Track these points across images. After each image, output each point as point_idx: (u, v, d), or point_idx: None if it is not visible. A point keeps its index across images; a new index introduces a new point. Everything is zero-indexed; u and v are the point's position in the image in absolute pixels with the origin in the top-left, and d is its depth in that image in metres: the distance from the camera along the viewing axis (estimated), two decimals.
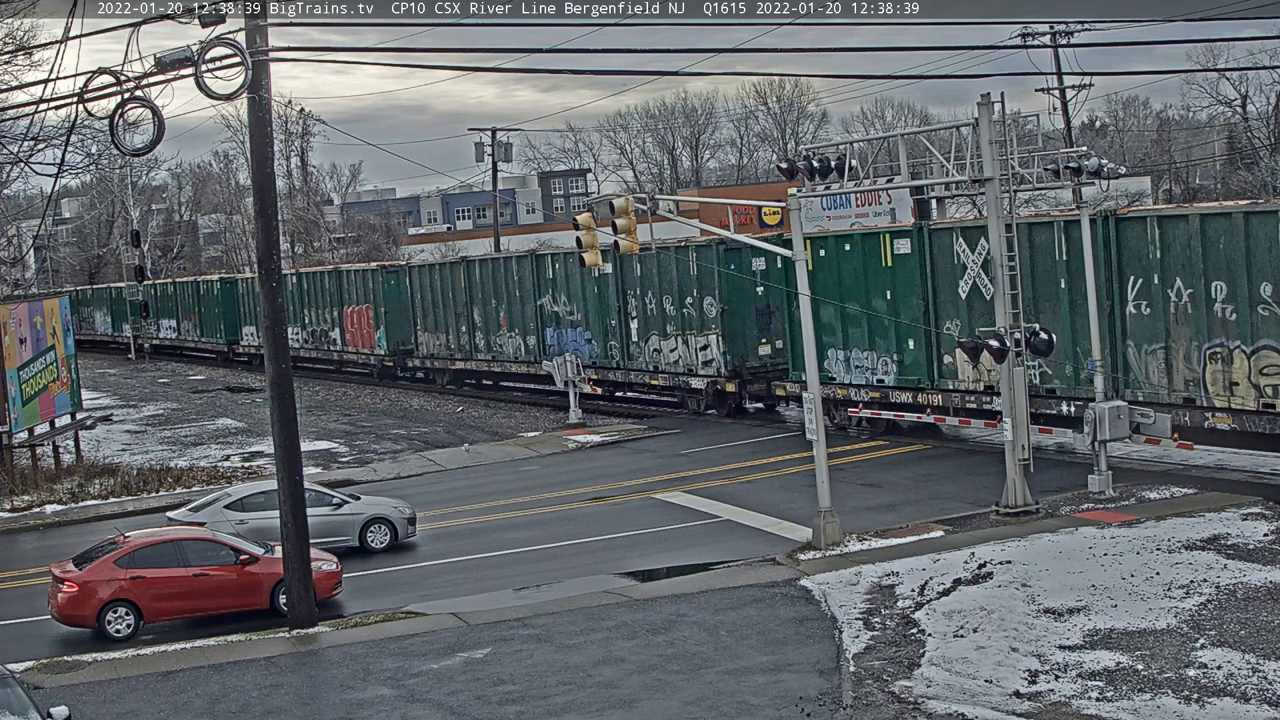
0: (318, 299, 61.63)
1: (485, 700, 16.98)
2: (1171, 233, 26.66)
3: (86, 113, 20.11)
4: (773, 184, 67.94)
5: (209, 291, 74.54)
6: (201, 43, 18.38)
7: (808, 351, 24.16)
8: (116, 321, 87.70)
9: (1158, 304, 26.90)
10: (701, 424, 39.37)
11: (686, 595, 21.15)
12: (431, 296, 52.65)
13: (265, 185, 21.51)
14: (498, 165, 68.65)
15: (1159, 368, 27.01)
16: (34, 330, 37.54)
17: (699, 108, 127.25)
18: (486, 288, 49.18)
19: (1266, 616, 17.29)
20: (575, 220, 24.78)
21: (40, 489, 34.71)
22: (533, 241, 73.51)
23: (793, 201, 24.21)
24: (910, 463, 31.16)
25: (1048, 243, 28.86)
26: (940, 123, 38.78)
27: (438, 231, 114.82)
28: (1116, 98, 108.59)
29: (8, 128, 36.63)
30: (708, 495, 29.13)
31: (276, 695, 18.02)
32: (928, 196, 34.54)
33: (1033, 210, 43.80)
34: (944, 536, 23.38)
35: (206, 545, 22.65)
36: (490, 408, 47.44)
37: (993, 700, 15.46)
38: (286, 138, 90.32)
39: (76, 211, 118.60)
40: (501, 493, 31.73)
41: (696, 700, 16.30)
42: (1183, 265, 26.43)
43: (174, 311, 79.61)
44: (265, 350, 21.80)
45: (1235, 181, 73.22)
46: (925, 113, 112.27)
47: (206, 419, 49.54)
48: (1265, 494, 24.52)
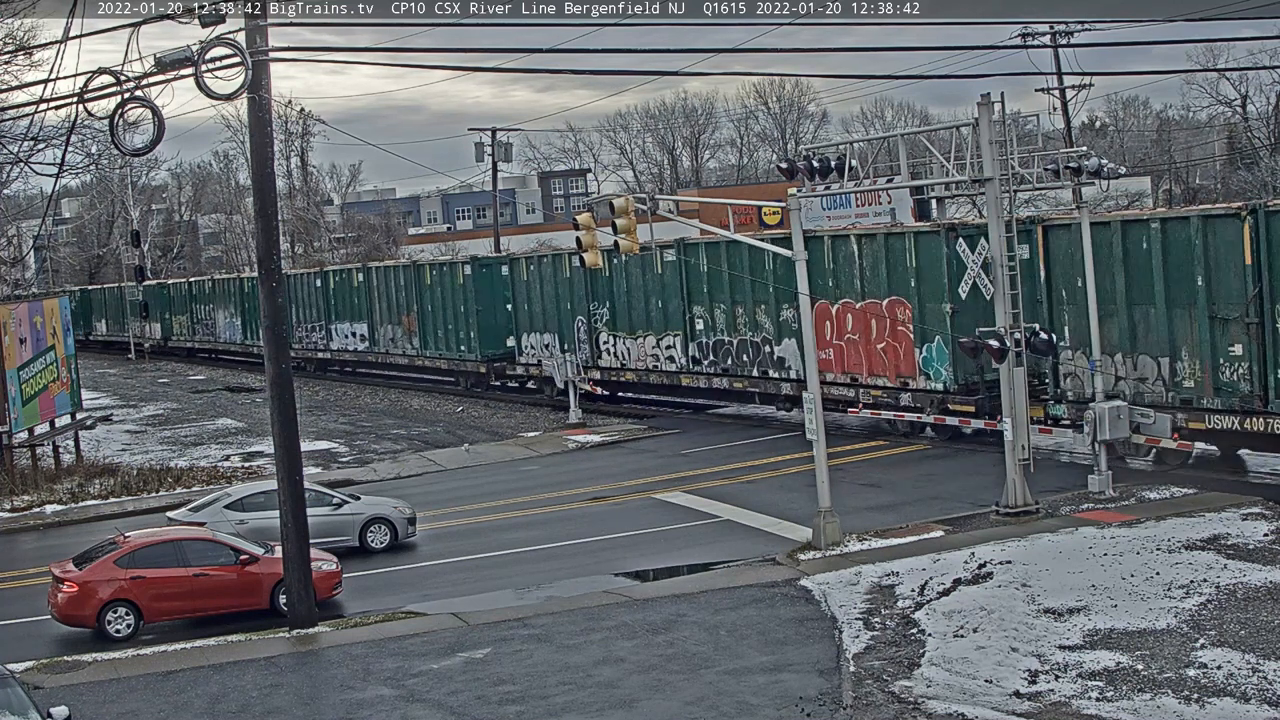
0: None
1: (485, 700, 16.98)
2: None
3: (86, 113, 20.14)
4: (773, 184, 67.93)
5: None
6: (201, 43, 18.39)
7: (808, 351, 24.15)
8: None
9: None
10: (701, 424, 39.35)
11: (686, 595, 21.15)
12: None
13: (265, 185, 21.51)
14: (498, 165, 68.66)
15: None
16: (34, 330, 37.54)
17: (699, 108, 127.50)
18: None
19: (1266, 616, 17.29)
20: (575, 220, 24.79)
21: (40, 489, 34.70)
22: (533, 242, 73.31)
23: (793, 201, 24.22)
24: (910, 463, 31.16)
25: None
26: (940, 123, 38.83)
27: (438, 231, 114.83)
28: (1116, 98, 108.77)
29: (8, 128, 36.66)
30: (708, 495, 29.13)
31: (276, 695, 18.02)
32: (928, 196, 34.56)
33: (1033, 211, 43.75)
34: (944, 536, 23.38)
35: (206, 545, 22.66)
36: (490, 408, 47.42)
37: (993, 700, 15.46)
38: (286, 138, 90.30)
39: (76, 211, 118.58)
40: (501, 493, 31.73)
41: (696, 700, 16.30)
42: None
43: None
44: (265, 350, 21.80)
45: (1235, 181, 73.17)
46: (925, 113, 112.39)
47: (206, 419, 49.54)
48: (1265, 494, 24.52)
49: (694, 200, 55.99)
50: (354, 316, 57.46)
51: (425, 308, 51.45)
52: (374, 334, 55.76)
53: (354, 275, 57.56)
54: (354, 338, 57.76)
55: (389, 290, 54.26)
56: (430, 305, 51.17)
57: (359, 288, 56.67)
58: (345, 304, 58.31)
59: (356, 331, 57.46)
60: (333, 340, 59.55)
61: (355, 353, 58.27)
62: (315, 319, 60.87)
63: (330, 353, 60.23)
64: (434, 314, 51.04)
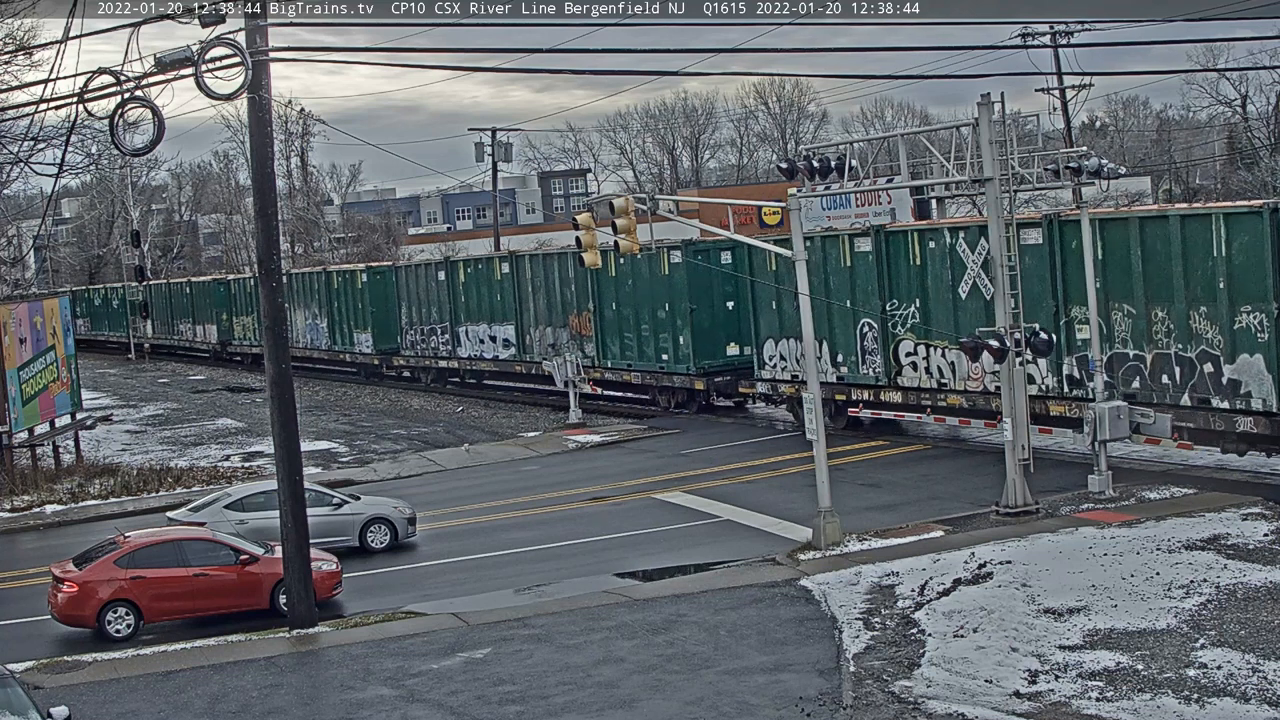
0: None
1: (485, 700, 16.98)
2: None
3: (86, 113, 20.16)
4: (773, 184, 67.88)
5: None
6: (201, 43, 18.40)
7: (808, 351, 24.15)
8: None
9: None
10: (701, 424, 39.36)
11: (686, 595, 21.15)
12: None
13: (265, 185, 21.52)
14: (498, 165, 68.66)
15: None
16: (34, 330, 37.55)
17: (699, 108, 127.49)
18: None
19: (1266, 616, 17.29)
20: (575, 220, 24.79)
21: (40, 489, 34.70)
22: (532, 241, 72.53)
23: (793, 201, 24.22)
24: (910, 463, 31.16)
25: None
26: (940, 123, 38.76)
27: (438, 231, 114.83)
28: (1116, 98, 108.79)
29: (8, 128, 36.65)
30: (708, 495, 29.13)
31: (276, 695, 18.02)
32: (928, 196, 34.54)
33: (1034, 211, 43.69)
34: (944, 536, 23.38)
35: (206, 545, 22.66)
36: (490, 408, 47.42)
37: (993, 700, 15.46)
38: (286, 138, 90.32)
39: (76, 211, 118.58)
40: (501, 493, 31.73)
41: (696, 700, 16.29)
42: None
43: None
44: (265, 350, 21.81)
45: (1235, 181, 73.20)
46: (925, 113, 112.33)
47: (206, 419, 49.54)
48: (1265, 494, 24.51)
49: (694, 200, 55.96)
50: (494, 316, 48.02)
51: (608, 306, 42.16)
52: (523, 339, 46.43)
53: (495, 266, 47.89)
54: (494, 343, 48.16)
55: (548, 283, 44.68)
56: (616, 303, 41.78)
57: (502, 281, 47.34)
58: (482, 301, 48.58)
59: (498, 335, 47.83)
60: (460, 345, 49.97)
61: (495, 361, 48.34)
62: (435, 319, 51.34)
63: (457, 360, 50.24)
64: (620, 314, 41.58)
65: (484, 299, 48.42)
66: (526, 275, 45.81)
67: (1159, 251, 26.39)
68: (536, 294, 45.45)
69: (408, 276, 52.78)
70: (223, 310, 71.52)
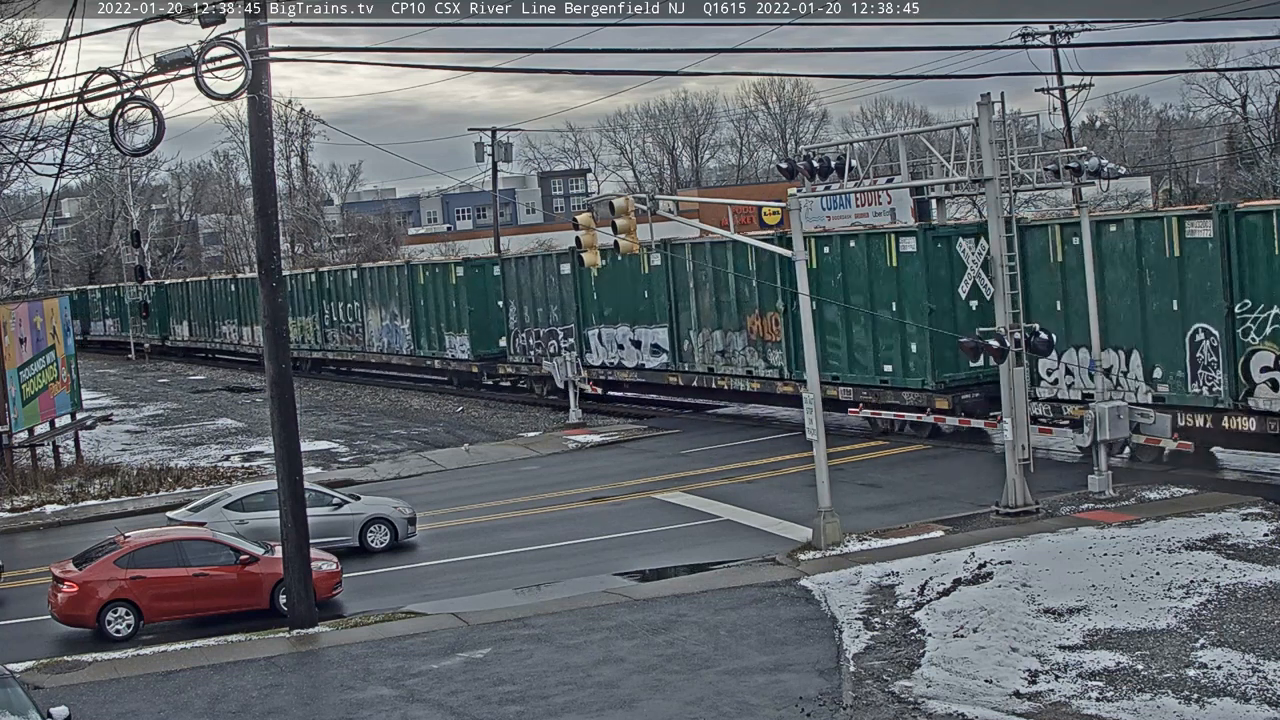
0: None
1: (485, 700, 16.99)
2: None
3: (86, 113, 20.16)
4: (773, 184, 67.93)
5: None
6: (201, 43, 18.40)
7: (808, 351, 24.15)
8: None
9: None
10: (701, 424, 39.34)
11: (686, 595, 21.15)
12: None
13: (265, 185, 21.52)
14: (498, 165, 68.64)
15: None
16: (34, 330, 37.55)
17: (699, 108, 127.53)
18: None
19: (1266, 616, 17.29)
20: (575, 220, 24.80)
21: (40, 489, 34.69)
22: (532, 241, 72.24)
23: (793, 201, 24.23)
24: (910, 463, 31.16)
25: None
26: (940, 123, 38.74)
27: (438, 231, 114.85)
28: (1116, 98, 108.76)
29: (8, 128, 36.67)
30: (708, 495, 29.13)
31: (276, 695, 18.03)
32: (928, 196, 34.51)
33: (1034, 211, 43.73)
34: (944, 536, 23.39)
35: (206, 545, 22.66)
36: (490, 408, 47.41)
37: (993, 700, 15.47)
38: (286, 138, 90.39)
39: (76, 211, 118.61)
40: (501, 493, 31.73)
41: (696, 700, 16.30)
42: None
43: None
44: (265, 350, 21.81)
45: (1235, 181, 73.22)
46: (925, 113, 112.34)
47: (206, 419, 49.53)
48: (1265, 494, 24.52)
49: (694, 200, 55.97)
50: (636, 317, 40.96)
51: (797, 303, 29.49)
52: (678, 344, 39.42)
53: (645, 259, 38.78)
54: (637, 349, 41.09)
55: (715, 277, 37.64)
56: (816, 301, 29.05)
57: (650, 275, 40.08)
58: (619, 299, 41.63)
59: (643, 340, 40.82)
60: (590, 351, 42.76)
61: (639, 370, 41.28)
62: (555, 320, 44.01)
63: (587, 369, 42.11)
64: (822, 315, 32.48)
65: (623, 297, 41.43)
66: (679, 267, 38.74)
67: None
68: (703, 290, 38.36)
69: (518, 270, 45.57)
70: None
